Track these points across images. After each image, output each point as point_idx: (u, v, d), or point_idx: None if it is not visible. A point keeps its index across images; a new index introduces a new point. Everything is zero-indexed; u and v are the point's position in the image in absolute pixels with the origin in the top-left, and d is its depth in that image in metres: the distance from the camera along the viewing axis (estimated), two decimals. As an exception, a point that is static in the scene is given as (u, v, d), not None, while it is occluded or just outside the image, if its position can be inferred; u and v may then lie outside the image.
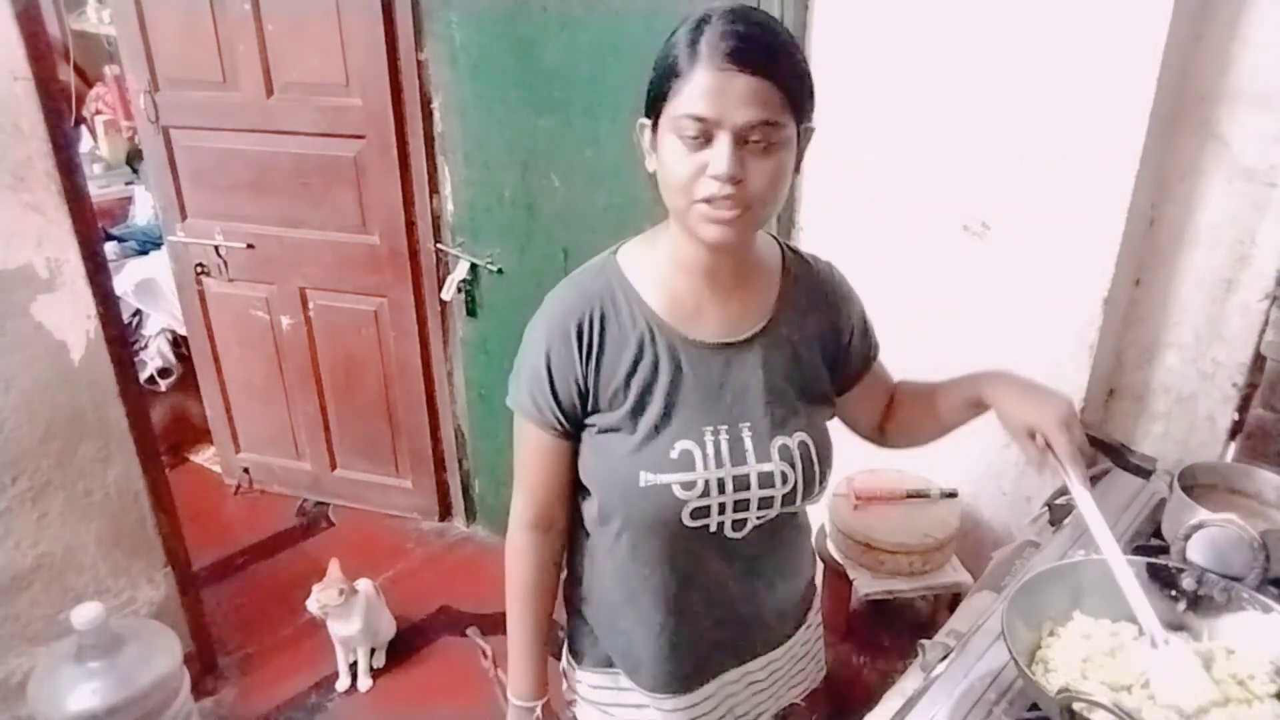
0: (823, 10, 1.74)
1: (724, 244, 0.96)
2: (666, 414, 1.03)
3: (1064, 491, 1.59)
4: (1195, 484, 1.35)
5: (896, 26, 1.66)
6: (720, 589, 1.14)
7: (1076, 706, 0.93)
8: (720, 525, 1.06)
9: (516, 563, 1.15)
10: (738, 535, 1.08)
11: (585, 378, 1.03)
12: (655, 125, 0.95)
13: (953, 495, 1.84)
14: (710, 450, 1.03)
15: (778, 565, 1.19)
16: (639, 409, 1.03)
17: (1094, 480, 1.58)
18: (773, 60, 0.90)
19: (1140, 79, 1.42)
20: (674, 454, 1.02)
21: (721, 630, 1.17)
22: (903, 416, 1.24)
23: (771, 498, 1.06)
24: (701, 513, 1.03)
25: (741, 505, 1.05)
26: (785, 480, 1.06)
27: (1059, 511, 1.50)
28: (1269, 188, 1.46)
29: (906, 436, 1.26)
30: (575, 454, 1.09)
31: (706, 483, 1.02)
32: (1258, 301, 1.51)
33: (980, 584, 1.43)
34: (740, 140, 0.90)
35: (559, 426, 1.06)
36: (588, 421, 1.06)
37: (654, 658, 1.15)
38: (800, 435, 1.08)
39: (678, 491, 1.02)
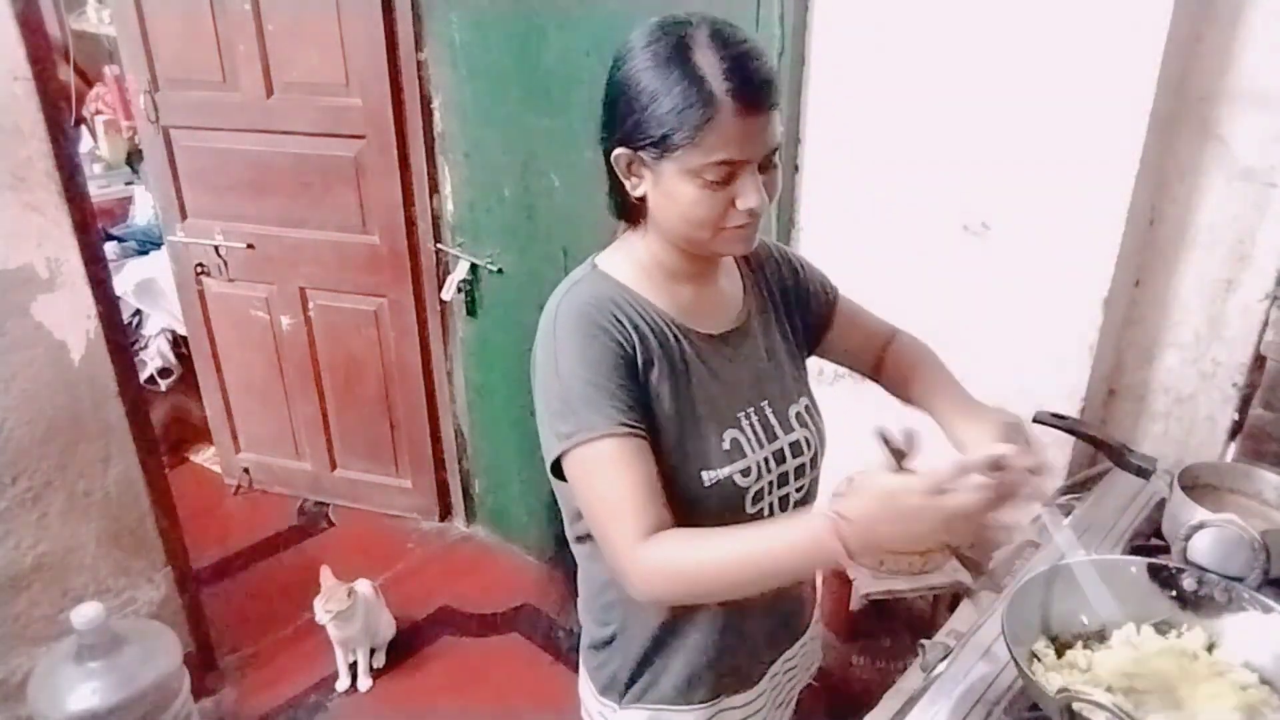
0: (823, 11, 1.74)
1: (743, 253, 1.04)
2: (707, 409, 1.03)
3: (1065, 491, 1.60)
4: (1195, 484, 1.35)
5: (896, 26, 1.66)
6: None
7: (1076, 706, 0.93)
8: (772, 506, 1.07)
9: (670, 560, 0.94)
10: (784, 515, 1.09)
11: (637, 368, 0.98)
12: (638, 152, 0.93)
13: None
14: (750, 434, 1.05)
15: None
16: (679, 410, 1.01)
17: (1094, 480, 1.59)
18: (776, 89, 0.91)
19: (1140, 79, 1.42)
20: (725, 445, 1.03)
21: (774, 618, 1.18)
22: (895, 377, 1.22)
23: (803, 466, 1.10)
24: (759, 497, 1.05)
25: (784, 480, 1.08)
26: (809, 445, 1.11)
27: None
28: (1269, 188, 1.45)
29: (899, 395, 1.22)
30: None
31: (758, 465, 1.04)
32: (1258, 301, 1.51)
33: (980, 584, 1.43)
34: (760, 169, 0.93)
35: (637, 424, 0.95)
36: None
37: (714, 661, 1.12)
38: (804, 399, 1.13)
39: (739, 480, 1.03)
